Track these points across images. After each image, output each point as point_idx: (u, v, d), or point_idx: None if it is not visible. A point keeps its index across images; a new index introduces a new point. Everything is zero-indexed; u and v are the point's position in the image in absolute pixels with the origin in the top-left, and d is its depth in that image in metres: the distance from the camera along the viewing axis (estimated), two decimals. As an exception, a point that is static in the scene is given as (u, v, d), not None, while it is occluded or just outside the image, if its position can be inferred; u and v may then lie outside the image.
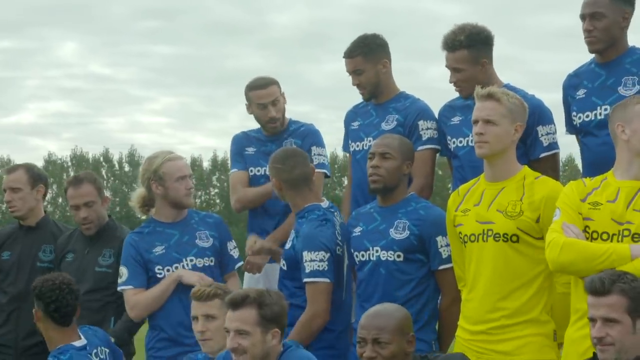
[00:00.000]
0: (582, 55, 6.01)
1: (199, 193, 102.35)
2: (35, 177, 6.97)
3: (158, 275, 6.15)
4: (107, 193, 7.21)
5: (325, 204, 5.96)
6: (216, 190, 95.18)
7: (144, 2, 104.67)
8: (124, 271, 6.18)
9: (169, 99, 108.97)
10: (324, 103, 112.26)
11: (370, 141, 6.44)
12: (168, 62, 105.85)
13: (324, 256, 5.70)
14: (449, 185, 6.79)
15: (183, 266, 6.15)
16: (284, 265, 5.95)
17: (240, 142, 7.01)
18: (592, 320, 4.34)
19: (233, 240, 6.45)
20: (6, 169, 7.14)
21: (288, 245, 5.94)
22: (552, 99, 6.35)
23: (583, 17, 5.77)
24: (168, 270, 6.14)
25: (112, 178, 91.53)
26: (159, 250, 6.19)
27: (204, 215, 6.44)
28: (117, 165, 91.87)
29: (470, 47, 5.97)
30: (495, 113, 5.19)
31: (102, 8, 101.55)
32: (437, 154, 6.43)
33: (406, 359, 4.80)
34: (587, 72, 5.87)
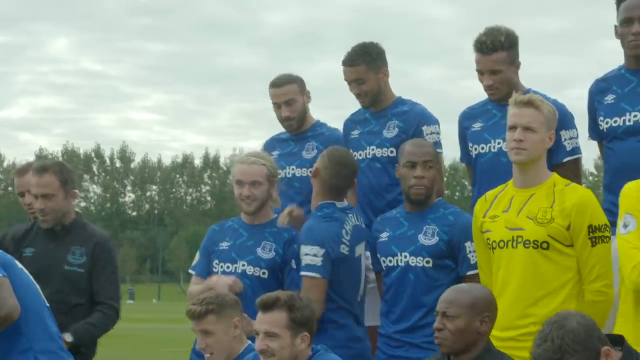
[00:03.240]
0: (575, 59, 6.12)
1: (190, 190, 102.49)
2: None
3: (213, 269, 6.13)
4: (98, 189, 6.98)
5: (342, 204, 5.97)
6: (207, 188, 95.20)
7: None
8: (197, 256, 6.27)
9: (160, 96, 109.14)
10: (317, 103, 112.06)
11: (372, 150, 6.44)
12: (160, 59, 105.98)
13: (318, 251, 5.75)
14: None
15: (236, 268, 6.07)
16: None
17: (267, 149, 6.97)
18: None
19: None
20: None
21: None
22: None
23: (630, 20, 5.67)
24: (222, 267, 6.11)
25: (103, 174, 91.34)
26: (224, 245, 6.16)
27: (284, 229, 6.18)
28: (108, 161, 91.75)
29: (509, 49, 5.96)
30: (535, 120, 5.19)
31: (94, 4, 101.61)
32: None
33: (479, 339, 4.76)
34: (617, 77, 5.84)
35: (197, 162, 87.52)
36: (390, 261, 5.78)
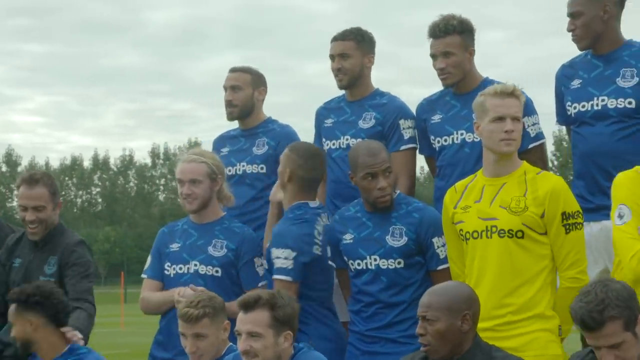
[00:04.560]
0: None
1: (80, 192, 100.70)
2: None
3: (165, 272, 6.06)
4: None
5: (314, 203, 5.86)
6: (98, 189, 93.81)
7: (12, 0, 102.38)
8: (148, 259, 6.16)
9: (42, 98, 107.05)
10: (202, 100, 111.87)
11: (347, 139, 6.36)
12: (40, 60, 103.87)
13: (289, 254, 5.65)
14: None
15: (188, 268, 6.02)
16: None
17: (215, 147, 6.93)
18: (598, 348, 4.28)
19: (262, 258, 6.09)
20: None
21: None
22: (429, 94, 6.42)
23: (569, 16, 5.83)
24: (174, 269, 6.04)
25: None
26: (174, 247, 6.09)
27: (235, 225, 6.14)
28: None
29: (462, 33, 6.02)
30: (519, 110, 5.21)
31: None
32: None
33: (464, 338, 4.69)
34: (583, 62, 5.90)
35: (87, 163, 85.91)
36: (359, 264, 5.68)
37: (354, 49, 6.36)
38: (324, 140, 6.56)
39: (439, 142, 6.16)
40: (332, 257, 5.89)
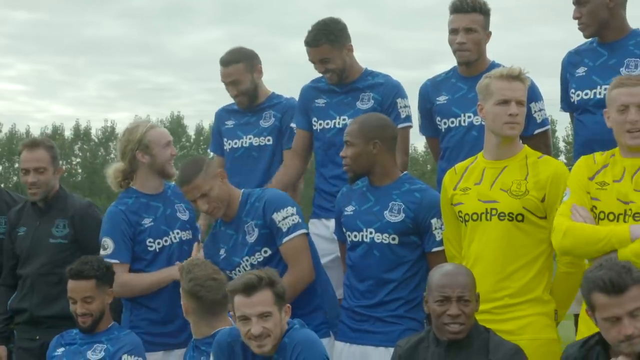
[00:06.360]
0: (443, 35, 6.15)
1: (60, 162, 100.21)
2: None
3: (149, 248, 6.02)
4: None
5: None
6: (78, 160, 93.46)
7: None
8: (109, 243, 5.99)
9: (25, 66, 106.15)
10: (185, 75, 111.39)
11: (344, 120, 6.36)
12: (25, 28, 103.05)
13: (293, 211, 5.71)
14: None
15: (171, 239, 6.06)
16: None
17: (219, 119, 6.95)
18: (614, 318, 4.25)
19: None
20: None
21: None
22: (413, 77, 6.62)
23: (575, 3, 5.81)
24: (159, 243, 6.03)
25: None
26: (147, 222, 6.04)
27: (174, 186, 6.26)
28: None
29: (484, 14, 6.06)
30: (524, 94, 5.21)
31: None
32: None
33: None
34: (589, 50, 5.88)
35: (68, 133, 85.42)
36: (355, 236, 5.67)
37: (330, 51, 6.32)
38: (315, 119, 6.52)
39: (445, 123, 6.15)
40: (336, 231, 5.92)
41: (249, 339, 4.84)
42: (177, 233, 6.08)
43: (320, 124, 6.50)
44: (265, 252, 5.73)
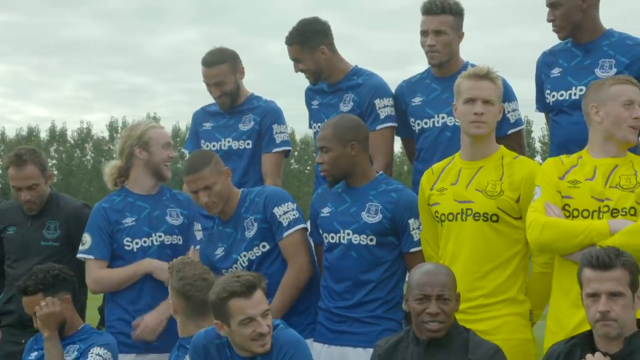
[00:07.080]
0: (418, 35, 6.10)
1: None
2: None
3: (126, 247, 5.99)
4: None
5: None
6: (54, 162, 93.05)
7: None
8: (87, 239, 6.00)
9: (0, 67, 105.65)
10: (161, 76, 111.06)
11: None
12: (1, 30, 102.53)
13: (292, 207, 5.76)
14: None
15: (152, 241, 6.01)
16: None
17: (197, 119, 6.89)
18: (595, 295, 4.32)
19: (199, 223, 6.22)
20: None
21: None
22: (388, 77, 6.49)
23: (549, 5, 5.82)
24: (137, 244, 6.00)
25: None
26: (129, 222, 6.01)
27: (175, 192, 6.24)
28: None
29: (455, 15, 6.03)
30: (493, 94, 5.22)
31: None
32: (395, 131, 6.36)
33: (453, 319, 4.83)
34: (564, 51, 5.88)
35: (43, 135, 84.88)
36: (332, 238, 5.67)
37: (300, 52, 6.30)
38: (313, 123, 6.55)
39: (419, 124, 6.14)
40: (312, 233, 5.91)
41: (253, 339, 4.83)
42: (160, 236, 6.02)
43: (315, 127, 6.48)
44: (264, 247, 5.75)
